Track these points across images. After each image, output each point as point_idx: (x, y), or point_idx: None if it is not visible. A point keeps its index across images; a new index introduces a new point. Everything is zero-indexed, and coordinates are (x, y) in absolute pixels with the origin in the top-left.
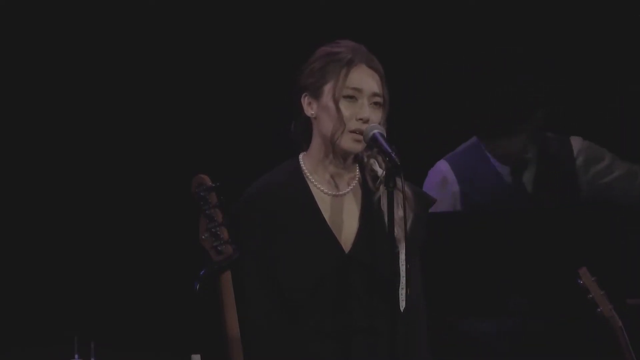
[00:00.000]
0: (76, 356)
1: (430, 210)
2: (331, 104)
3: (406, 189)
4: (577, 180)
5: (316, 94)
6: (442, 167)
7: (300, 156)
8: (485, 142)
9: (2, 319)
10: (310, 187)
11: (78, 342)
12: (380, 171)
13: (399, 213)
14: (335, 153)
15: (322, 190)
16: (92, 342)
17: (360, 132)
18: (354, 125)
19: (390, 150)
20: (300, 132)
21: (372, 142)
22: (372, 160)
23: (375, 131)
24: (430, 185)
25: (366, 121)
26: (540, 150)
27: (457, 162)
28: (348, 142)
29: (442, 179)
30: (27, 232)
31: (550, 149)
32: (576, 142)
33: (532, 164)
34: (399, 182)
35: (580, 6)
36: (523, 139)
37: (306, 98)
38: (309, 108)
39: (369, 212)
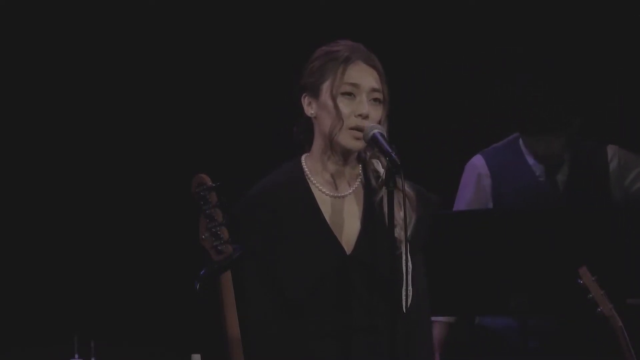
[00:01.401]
0: (76, 356)
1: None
2: (329, 102)
3: (408, 189)
4: (609, 185)
5: (315, 93)
6: (477, 162)
7: (302, 157)
8: (526, 140)
9: (2, 319)
10: (312, 188)
11: (78, 341)
12: (382, 171)
13: (399, 213)
14: (335, 151)
15: (323, 192)
16: (92, 342)
17: (360, 129)
18: (353, 122)
19: (390, 150)
20: (302, 133)
21: (372, 142)
22: (374, 161)
23: (375, 131)
24: (466, 179)
25: (365, 117)
26: (575, 153)
27: (492, 157)
28: (347, 139)
29: (476, 173)
30: (26, 231)
31: (585, 153)
32: (611, 149)
33: (567, 165)
34: (399, 181)
35: (581, 6)
36: (563, 141)
37: (306, 98)
38: (309, 108)
39: (371, 213)
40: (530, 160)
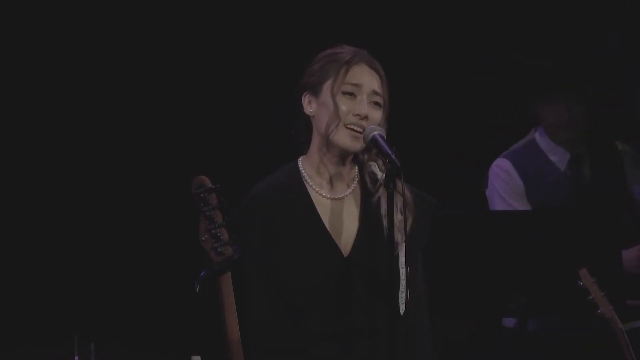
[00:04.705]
0: (76, 357)
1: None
2: (329, 99)
3: (406, 191)
4: (626, 179)
5: (316, 92)
6: (504, 165)
7: (300, 160)
8: (548, 113)
9: (2, 319)
10: (309, 191)
11: (78, 342)
12: (380, 174)
13: (398, 216)
14: (331, 151)
15: (320, 194)
16: (92, 343)
17: (357, 127)
18: (350, 119)
19: (390, 152)
20: (300, 134)
21: (372, 144)
22: (371, 163)
23: (376, 133)
24: (496, 180)
25: (364, 117)
26: (591, 147)
27: (516, 159)
28: (343, 138)
29: (507, 174)
30: (27, 232)
31: (599, 146)
32: (619, 144)
33: (586, 159)
34: (399, 184)
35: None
36: (583, 108)
37: (307, 96)
38: (309, 106)
39: (369, 215)
40: (553, 157)
